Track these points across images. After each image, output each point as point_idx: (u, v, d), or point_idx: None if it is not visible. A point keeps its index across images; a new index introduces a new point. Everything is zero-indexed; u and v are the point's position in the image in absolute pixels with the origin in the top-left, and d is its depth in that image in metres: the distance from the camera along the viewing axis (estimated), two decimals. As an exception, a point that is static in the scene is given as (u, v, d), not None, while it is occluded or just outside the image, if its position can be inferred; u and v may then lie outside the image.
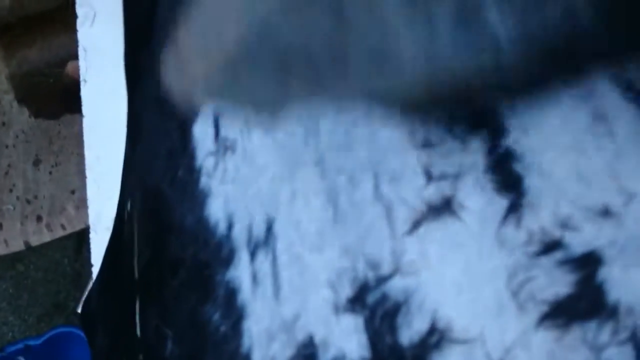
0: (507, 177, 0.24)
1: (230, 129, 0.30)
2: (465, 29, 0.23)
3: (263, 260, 0.26)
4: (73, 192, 1.03)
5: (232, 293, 0.27)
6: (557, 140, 0.24)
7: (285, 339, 0.25)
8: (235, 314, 0.26)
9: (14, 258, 1.15)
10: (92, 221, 0.57)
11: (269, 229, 0.27)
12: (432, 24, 0.22)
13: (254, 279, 0.26)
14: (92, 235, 0.56)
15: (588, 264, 0.22)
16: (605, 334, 0.22)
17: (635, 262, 0.22)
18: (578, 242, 0.23)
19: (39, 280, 1.17)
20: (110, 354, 0.40)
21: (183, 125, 0.32)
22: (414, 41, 0.23)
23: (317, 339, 0.24)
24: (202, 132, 0.31)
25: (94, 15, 0.59)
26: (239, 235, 0.27)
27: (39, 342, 1.03)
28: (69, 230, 1.01)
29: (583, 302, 0.22)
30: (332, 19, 0.23)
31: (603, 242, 0.23)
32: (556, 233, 0.23)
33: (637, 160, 0.24)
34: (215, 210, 0.29)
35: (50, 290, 1.15)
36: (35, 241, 0.98)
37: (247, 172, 0.28)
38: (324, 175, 0.26)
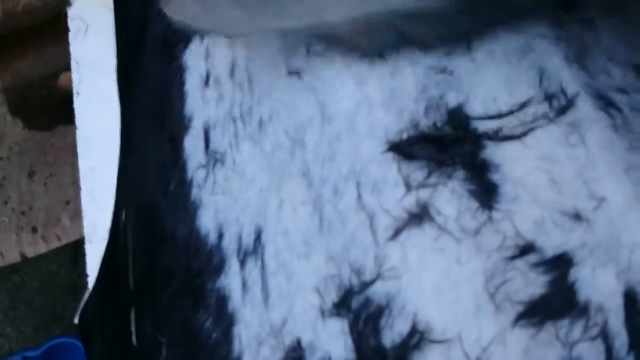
0: (483, 186, 0.25)
1: (220, 142, 0.31)
2: None
3: (252, 268, 0.27)
4: (68, 203, 1.03)
5: (223, 301, 0.28)
6: (532, 151, 0.26)
7: (274, 343, 0.26)
8: (226, 321, 0.27)
9: (10, 270, 1.15)
10: (87, 232, 0.57)
11: (258, 238, 0.28)
12: None
13: (244, 286, 0.27)
14: (87, 246, 0.57)
15: (560, 265, 0.24)
16: (577, 331, 0.23)
17: (604, 263, 0.23)
18: (551, 245, 0.24)
19: (36, 292, 1.17)
20: (107, 362, 0.41)
21: (174, 139, 0.33)
22: None
23: (305, 343, 0.25)
24: (192, 145, 0.32)
25: (87, 29, 0.60)
26: (229, 244, 0.28)
27: (37, 353, 1.03)
28: (65, 241, 1.01)
29: (556, 302, 0.23)
30: None
31: (574, 245, 0.24)
32: (530, 237, 0.24)
33: (607, 168, 0.25)
34: (207, 221, 0.30)
35: (47, 301, 1.15)
36: (31, 252, 0.98)
37: (237, 184, 0.29)
38: (310, 186, 0.27)
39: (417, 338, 0.24)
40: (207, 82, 0.32)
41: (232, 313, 0.27)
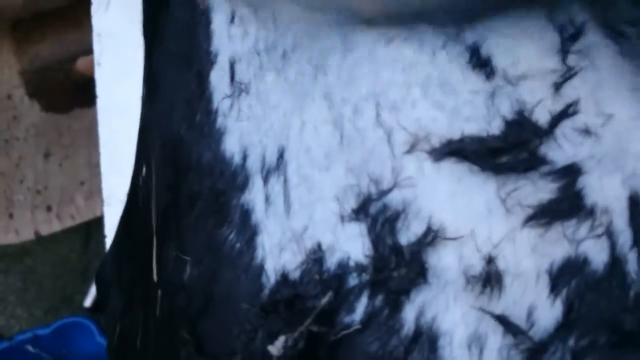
0: (497, 109, 0.27)
1: (245, 74, 0.32)
2: None
3: (275, 183, 0.29)
4: (82, 183, 1.05)
5: (246, 214, 0.29)
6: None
7: (295, 247, 0.27)
8: (249, 232, 0.29)
9: (22, 252, 1.17)
10: (106, 195, 0.59)
11: (281, 156, 0.29)
12: None
13: (267, 200, 0.29)
14: (105, 208, 0.59)
15: (569, 174, 0.25)
16: (583, 230, 0.24)
17: (611, 172, 0.25)
18: (561, 157, 0.26)
19: (47, 275, 1.18)
20: (123, 314, 0.42)
21: (200, 74, 0.35)
22: None
23: (325, 245, 0.27)
24: (218, 78, 0.33)
25: (108, 3, 0.62)
26: (253, 164, 0.30)
27: (47, 331, 1.05)
28: (78, 220, 1.02)
29: (564, 205, 0.25)
30: None
31: (583, 156, 0.25)
32: (541, 151, 0.26)
33: (614, 88, 0.26)
34: (231, 145, 0.31)
35: (58, 284, 1.17)
36: (45, 230, 0.99)
37: (261, 110, 0.31)
38: (331, 107, 0.29)
39: (431, 236, 0.25)
40: (232, 20, 0.34)
41: (255, 224, 0.29)
